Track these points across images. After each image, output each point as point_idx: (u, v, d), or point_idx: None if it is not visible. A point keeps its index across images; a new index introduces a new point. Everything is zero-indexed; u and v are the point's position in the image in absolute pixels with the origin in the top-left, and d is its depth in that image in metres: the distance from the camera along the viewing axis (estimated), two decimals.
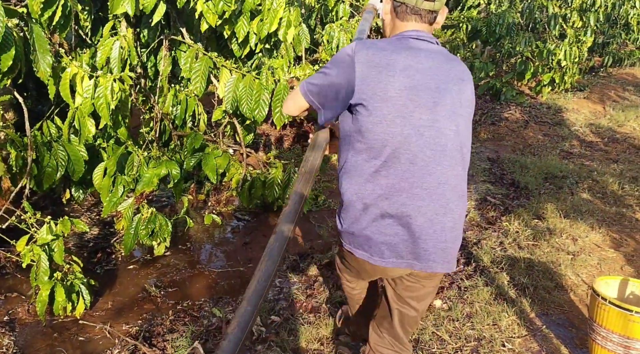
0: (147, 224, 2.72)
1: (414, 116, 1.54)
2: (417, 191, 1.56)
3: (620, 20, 8.84)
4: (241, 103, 2.99)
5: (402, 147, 1.54)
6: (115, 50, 2.54)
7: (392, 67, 1.55)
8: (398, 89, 1.54)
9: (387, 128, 1.54)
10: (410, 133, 1.54)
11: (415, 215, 1.56)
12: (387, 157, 1.56)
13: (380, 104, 1.54)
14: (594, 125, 6.68)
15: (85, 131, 2.55)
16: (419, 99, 1.55)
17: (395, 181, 1.56)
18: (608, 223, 3.90)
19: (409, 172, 1.55)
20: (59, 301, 2.48)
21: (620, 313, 2.24)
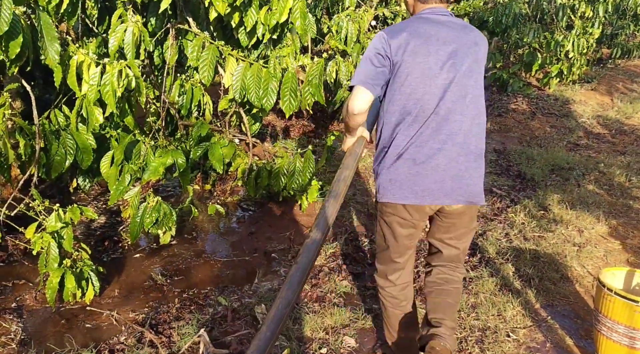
0: (151, 212, 2.73)
1: (439, 77, 1.87)
2: (442, 137, 1.89)
3: (629, 11, 8.75)
4: (249, 92, 2.99)
5: (429, 103, 1.87)
6: (128, 36, 2.53)
7: (418, 39, 1.87)
8: (424, 56, 1.86)
9: (416, 88, 1.87)
10: (436, 91, 1.87)
11: (441, 158, 1.89)
12: (416, 113, 1.88)
13: (410, 70, 1.86)
14: (601, 117, 6.64)
15: (92, 119, 2.55)
16: (440, 63, 1.87)
17: (422, 131, 1.88)
18: (614, 215, 3.88)
19: (434, 122, 1.88)
20: (69, 288, 2.50)
21: (626, 304, 2.24)
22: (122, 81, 2.38)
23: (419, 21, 1.94)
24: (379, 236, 2.16)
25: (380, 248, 2.18)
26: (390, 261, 2.15)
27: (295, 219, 3.76)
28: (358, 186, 4.23)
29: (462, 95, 1.90)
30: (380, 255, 2.19)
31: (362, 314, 2.69)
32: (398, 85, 1.91)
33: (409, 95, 1.89)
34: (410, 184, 1.91)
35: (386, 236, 2.10)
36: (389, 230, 2.07)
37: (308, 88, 3.15)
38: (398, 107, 1.91)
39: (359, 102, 1.92)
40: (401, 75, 1.89)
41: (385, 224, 2.07)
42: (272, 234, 3.57)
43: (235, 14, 2.94)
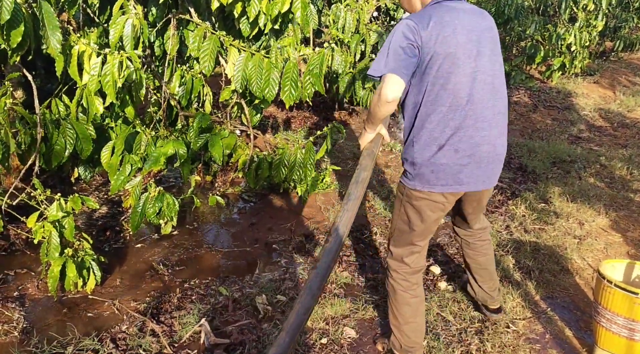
0: (154, 202, 2.73)
1: (466, 65, 1.91)
2: (480, 125, 1.96)
3: (633, 3, 8.69)
4: (251, 83, 2.98)
5: (461, 92, 1.91)
6: (127, 28, 2.52)
7: (446, 28, 1.88)
8: (454, 46, 1.89)
9: (448, 79, 1.89)
10: (466, 80, 1.91)
11: (482, 144, 1.97)
12: (450, 103, 1.91)
13: (442, 61, 1.88)
14: (603, 110, 6.62)
15: (93, 109, 2.55)
16: (467, 51, 1.91)
17: (461, 120, 1.92)
18: (615, 208, 3.89)
19: (470, 111, 1.93)
20: (70, 277, 2.52)
21: (626, 296, 2.24)
22: (122, 72, 2.38)
23: (441, 9, 1.94)
24: (400, 220, 2.17)
25: (401, 231, 2.19)
26: (409, 244, 2.19)
27: (296, 210, 3.77)
28: None
29: (489, 81, 1.97)
30: (400, 238, 2.21)
31: (362, 305, 2.70)
32: (429, 76, 1.91)
33: (442, 86, 1.91)
34: (454, 173, 1.97)
35: (412, 219, 2.13)
36: (416, 214, 2.10)
37: (309, 78, 3.14)
38: (430, 97, 1.93)
39: (392, 89, 1.91)
40: (432, 66, 1.90)
41: (413, 208, 2.10)
42: (273, 225, 3.57)
43: (238, 4, 2.93)
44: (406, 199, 2.11)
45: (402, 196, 2.13)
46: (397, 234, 2.22)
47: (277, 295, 2.77)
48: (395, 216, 2.21)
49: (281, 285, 2.87)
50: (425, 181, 2.01)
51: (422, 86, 1.94)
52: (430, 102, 1.94)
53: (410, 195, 2.09)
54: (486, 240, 2.49)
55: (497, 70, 2.01)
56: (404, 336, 2.25)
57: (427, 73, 1.92)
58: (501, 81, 2.03)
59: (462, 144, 1.95)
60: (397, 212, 2.19)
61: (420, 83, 1.95)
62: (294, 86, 3.04)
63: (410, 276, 2.22)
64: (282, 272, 3.02)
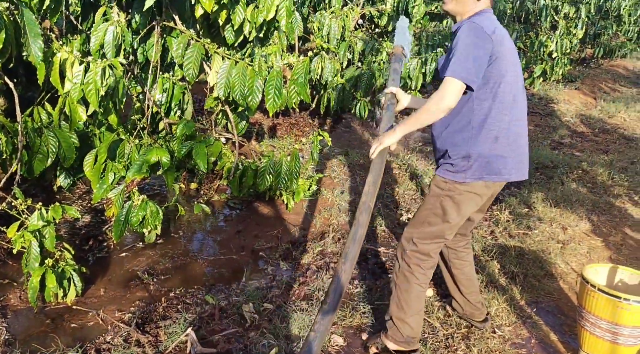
0: (137, 211, 2.71)
1: (513, 68, 2.13)
2: (521, 122, 2.20)
3: (612, 12, 8.88)
4: (234, 90, 2.98)
5: (511, 92, 2.12)
6: (109, 35, 2.51)
7: (503, 36, 2.11)
8: (506, 51, 2.09)
9: (504, 79, 2.09)
10: (513, 80, 2.13)
11: (523, 137, 2.22)
12: (505, 100, 2.10)
13: (506, 64, 2.08)
14: (584, 116, 6.73)
15: (75, 117, 2.52)
16: (512, 56, 2.15)
17: (511, 117, 2.13)
18: (597, 213, 3.94)
19: (516, 108, 2.16)
20: (50, 288, 2.47)
21: (609, 300, 2.27)
22: (105, 80, 2.36)
23: (491, 18, 2.15)
24: (432, 213, 2.24)
25: (432, 224, 2.24)
26: (439, 237, 2.27)
27: (282, 217, 3.76)
28: (346, 185, 4.24)
29: (522, 84, 2.22)
30: (429, 231, 2.25)
31: (349, 312, 2.69)
32: (493, 76, 2.07)
33: (501, 85, 2.08)
34: (505, 164, 2.15)
35: (448, 213, 2.20)
36: (454, 207, 2.20)
37: (293, 86, 3.15)
38: (491, 95, 2.09)
39: (456, 98, 2.02)
40: (495, 66, 2.06)
41: (452, 201, 2.19)
42: (260, 232, 3.56)
43: (223, 11, 2.93)
44: (447, 193, 2.19)
45: (442, 190, 2.20)
46: (425, 228, 2.26)
47: (264, 303, 2.76)
48: (427, 211, 2.25)
49: (268, 292, 2.86)
50: (481, 172, 2.13)
51: (483, 84, 2.08)
52: (490, 98, 2.10)
53: (453, 188, 2.17)
54: (469, 248, 2.57)
55: (522, 74, 2.25)
56: (407, 328, 2.30)
57: (491, 71, 2.07)
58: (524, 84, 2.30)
59: (512, 137, 2.15)
60: (429, 206, 2.24)
61: (482, 79, 2.08)
62: (278, 94, 3.04)
63: (428, 270, 2.30)
64: (269, 280, 3.01)
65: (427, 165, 4.67)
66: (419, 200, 4.05)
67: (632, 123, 6.46)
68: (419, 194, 4.15)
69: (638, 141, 5.82)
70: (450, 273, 2.58)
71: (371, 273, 3.09)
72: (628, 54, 9.38)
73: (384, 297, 2.83)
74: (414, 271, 2.27)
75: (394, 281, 2.35)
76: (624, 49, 9.22)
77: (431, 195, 2.25)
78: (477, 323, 2.60)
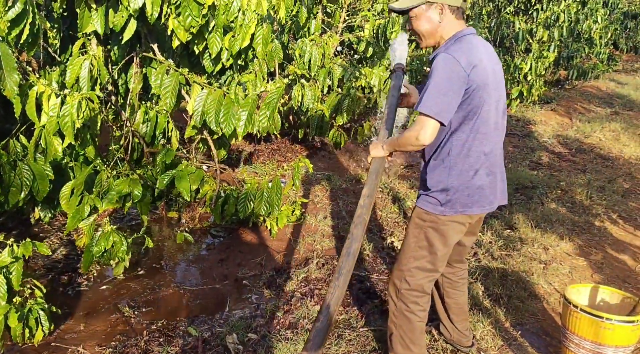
0: (99, 241, 2.66)
1: (494, 95, 2.06)
2: (500, 151, 2.18)
3: (583, 35, 9.15)
4: (209, 117, 2.98)
5: (491, 120, 2.07)
6: (84, 70, 2.52)
7: (481, 62, 2.00)
8: (486, 77, 2.01)
9: (484, 109, 2.03)
10: (493, 108, 2.07)
11: (499, 166, 2.17)
12: (484, 130, 2.05)
13: (481, 93, 2.01)
14: (561, 137, 6.86)
15: (51, 150, 2.50)
16: (493, 81, 2.05)
17: (491, 147, 2.10)
18: (577, 232, 3.99)
19: (495, 138, 2.12)
20: (14, 328, 2.38)
21: (592, 320, 2.29)
22: (82, 113, 2.35)
23: (470, 43, 2.04)
24: (417, 247, 2.20)
25: (419, 258, 2.21)
26: (431, 271, 2.22)
27: (266, 244, 3.73)
28: (328, 210, 4.24)
29: (503, 110, 2.16)
30: (418, 266, 2.21)
31: (335, 341, 2.66)
32: (470, 108, 2.02)
33: (479, 117, 2.03)
34: (487, 194, 2.12)
35: (434, 244, 2.17)
36: (439, 237, 2.17)
37: (264, 111, 3.15)
38: (468, 127, 2.05)
39: (430, 135, 1.98)
40: (472, 97, 2.00)
41: (437, 233, 2.16)
42: (243, 260, 3.52)
43: (198, 40, 2.95)
44: (429, 225, 2.16)
45: (424, 222, 2.17)
46: (414, 263, 2.21)
47: (248, 333, 2.71)
48: (412, 245, 2.21)
49: (252, 322, 2.82)
50: (460, 205, 2.10)
51: (460, 116, 2.04)
52: (469, 130, 2.05)
53: (436, 220, 2.14)
54: (466, 278, 2.55)
55: (504, 100, 2.19)
56: None
57: (466, 103, 2.02)
58: (506, 109, 2.23)
59: (492, 168, 2.12)
60: (413, 240, 2.21)
61: (459, 112, 2.03)
62: (249, 119, 3.05)
63: (426, 305, 2.27)
64: (253, 309, 2.97)
65: (408, 188, 4.71)
66: (402, 223, 4.06)
67: (607, 143, 6.60)
68: (402, 217, 4.16)
69: (614, 160, 5.95)
70: (442, 300, 2.55)
71: (356, 299, 3.07)
72: (600, 75, 9.65)
73: (370, 323, 2.81)
74: (414, 310, 2.23)
75: (393, 321, 2.30)
76: (597, 71, 9.49)
77: (413, 226, 2.22)
78: (463, 348, 2.59)
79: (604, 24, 9.50)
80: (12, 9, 2.18)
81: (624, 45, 12.29)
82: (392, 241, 3.78)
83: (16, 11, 2.18)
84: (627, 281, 3.34)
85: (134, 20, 2.70)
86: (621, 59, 12.36)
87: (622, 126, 7.23)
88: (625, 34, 12.24)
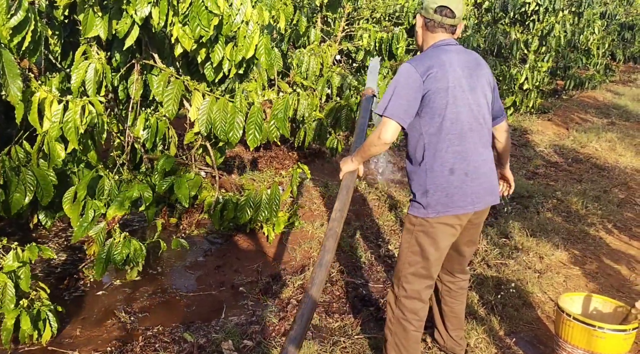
0: (121, 248, 2.69)
1: (463, 98, 2.15)
2: (480, 150, 2.20)
3: (581, 45, 9.23)
4: (215, 126, 3.02)
5: (463, 122, 2.14)
6: (90, 72, 2.55)
7: (442, 66, 2.12)
8: (451, 81, 2.12)
9: (452, 111, 2.12)
10: (464, 110, 2.15)
11: (481, 166, 2.20)
12: (455, 131, 2.13)
13: (443, 95, 2.11)
14: (557, 146, 6.91)
15: (54, 155, 2.53)
16: (462, 85, 2.15)
17: (466, 147, 2.15)
18: (572, 242, 4.02)
19: (471, 138, 2.16)
20: (25, 330, 2.42)
21: (584, 329, 2.31)
22: (85, 118, 2.38)
23: (438, 50, 2.19)
24: (410, 252, 2.25)
25: (413, 264, 2.25)
26: (426, 277, 2.26)
27: (263, 251, 3.75)
28: (325, 217, 4.26)
29: (483, 112, 2.22)
30: (413, 272, 2.25)
31: (330, 348, 2.68)
32: (435, 111, 2.12)
33: (445, 118, 2.12)
34: (467, 194, 2.16)
35: (425, 248, 2.21)
36: (431, 241, 2.21)
37: (274, 122, 3.21)
38: (436, 129, 2.14)
39: (391, 134, 2.12)
40: (435, 100, 2.11)
41: (427, 236, 2.20)
42: (240, 267, 3.54)
43: (202, 49, 2.99)
44: (419, 229, 2.21)
45: (414, 226, 2.23)
46: (408, 269, 2.26)
47: (244, 340, 2.73)
48: (405, 251, 2.27)
49: (248, 328, 2.83)
50: (441, 206, 2.15)
51: (428, 118, 2.14)
52: (437, 132, 2.14)
53: (423, 223, 2.20)
54: (465, 288, 2.58)
55: (486, 104, 2.25)
56: None
57: (431, 107, 2.12)
58: (489, 114, 2.28)
59: (469, 167, 2.16)
60: (406, 246, 2.26)
61: (425, 116, 2.14)
62: (258, 130, 3.09)
63: (423, 314, 2.29)
64: (249, 315, 2.98)
65: (405, 196, 4.73)
66: (398, 231, 4.09)
67: (603, 153, 6.65)
68: (398, 225, 4.19)
69: (610, 170, 5.99)
70: (439, 307, 2.59)
71: (351, 307, 3.09)
72: (597, 85, 9.72)
73: (365, 331, 2.83)
74: (410, 319, 2.26)
75: (389, 327, 2.33)
76: (594, 81, 9.56)
77: (405, 232, 2.28)
78: None
79: (601, 35, 9.59)
80: (15, 17, 2.21)
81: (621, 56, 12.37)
82: (388, 248, 3.80)
83: (18, 19, 2.22)
84: (621, 290, 3.37)
85: (137, 27, 2.74)
86: (618, 70, 12.45)
87: (618, 136, 7.28)
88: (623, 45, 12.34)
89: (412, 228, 2.23)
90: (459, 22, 2.25)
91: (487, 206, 2.26)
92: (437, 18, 2.19)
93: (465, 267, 2.52)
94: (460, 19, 2.25)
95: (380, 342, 2.63)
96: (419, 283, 2.25)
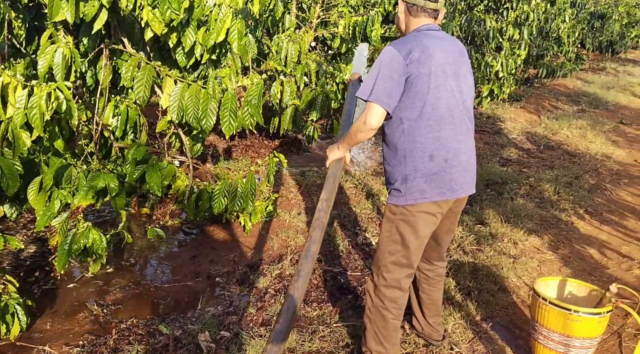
0: (79, 239, 2.59)
1: (446, 84, 2.12)
2: (459, 138, 2.16)
3: (552, 33, 9.35)
4: (187, 113, 2.94)
5: (443, 108, 2.11)
6: (58, 57, 2.43)
7: (424, 51, 2.08)
8: (435, 66, 2.09)
9: (432, 96, 2.09)
10: (446, 96, 2.12)
11: (461, 154, 2.17)
12: (435, 117, 2.10)
13: (424, 81, 2.07)
14: (530, 134, 7.01)
15: (19, 143, 2.42)
16: (444, 71, 2.12)
17: (445, 134, 2.12)
18: (546, 227, 4.08)
19: (452, 125, 2.14)
20: None
21: (560, 312, 2.34)
22: (51, 104, 2.28)
23: (420, 35, 2.16)
24: (391, 241, 2.23)
25: (394, 253, 2.23)
26: (406, 266, 2.24)
27: (239, 241, 3.70)
28: (302, 206, 4.23)
29: (464, 99, 2.20)
30: (393, 261, 2.24)
31: (308, 337, 2.66)
32: (416, 95, 2.09)
33: (426, 103, 2.09)
34: (446, 181, 2.14)
35: (405, 237, 2.20)
36: (411, 230, 2.19)
37: (247, 108, 3.14)
38: (417, 114, 2.11)
39: (376, 118, 2.09)
40: (416, 85, 2.08)
41: (407, 225, 2.18)
42: (216, 257, 3.49)
43: (173, 34, 2.90)
44: (400, 218, 2.19)
45: (395, 215, 2.20)
46: (389, 258, 2.24)
47: (221, 331, 2.69)
48: (385, 240, 2.24)
49: (225, 319, 2.79)
50: (420, 193, 2.13)
51: (408, 103, 2.11)
52: (418, 117, 2.11)
53: (403, 212, 2.18)
54: (443, 275, 2.58)
55: (468, 90, 2.23)
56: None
57: (412, 92, 2.09)
58: (471, 100, 2.27)
59: (449, 154, 2.13)
60: (386, 235, 2.24)
61: (406, 100, 2.11)
62: (233, 117, 3.02)
63: (402, 302, 2.28)
64: (226, 306, 2.94)
65: (381, 184, 4.73)
66: (375, 219, 4.08)
67: (574, 140, 6.77)
68: (376, 213, 4.19)
69: (581, 156, 6.10)
70: (416, 294, 2.59)
71: (330, 295, 3.07)
72: (568, 73, 9.88)
73: (344, 319, 2.82)
74: (389, 307, 2.26)
75: (368, 316, 2.32)
76: (565, 69, 9.70)
77: (385, 221, 2.26)
78: (434, 342, 2.62)
79: (572, 24, 9.72)
80: None
81: (591, 45, 12.61)
82: (366, 237, 3.80)
83: None
84: (593, 274, 3.44)
85: (105, 11, 2.63)
86: (588, 58, 12.68)
87: (588, 123, 7.42)
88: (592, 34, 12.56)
89: (393, 216, 2.21)
90: (442, 7, 2.23)
91: (466, 194, 2.25)
92: (420, 2, 2.18)
93: (443, 255, 2.52)
94: (443, 4, 2.23)
95: (359, 330, 2.62)
96: (399, 272, 2.24)
